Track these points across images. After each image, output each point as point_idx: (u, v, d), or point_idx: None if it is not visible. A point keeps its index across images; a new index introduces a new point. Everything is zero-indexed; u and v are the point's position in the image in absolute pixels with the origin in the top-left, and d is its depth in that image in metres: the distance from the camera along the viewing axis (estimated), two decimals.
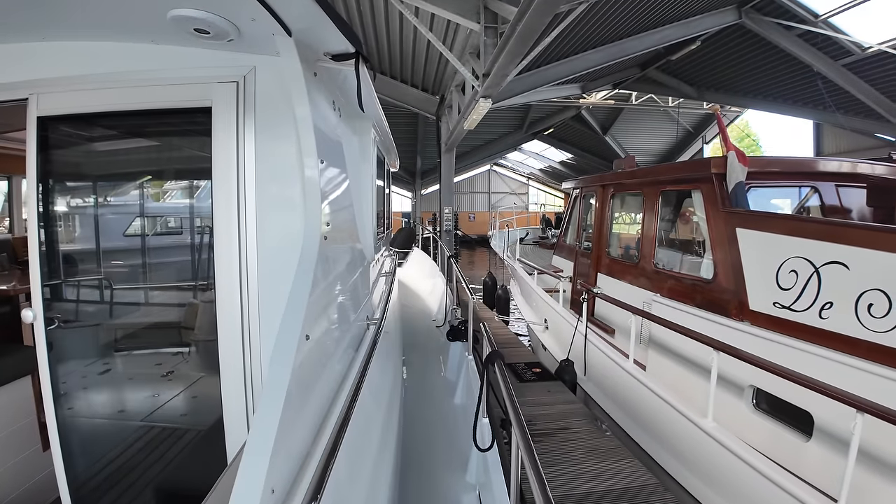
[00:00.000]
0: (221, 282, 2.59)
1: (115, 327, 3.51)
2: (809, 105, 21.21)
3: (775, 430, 4.89)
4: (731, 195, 6.00)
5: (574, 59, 17.23)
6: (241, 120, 2.54)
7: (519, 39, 7.70)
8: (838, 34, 16.34)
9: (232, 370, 2.62)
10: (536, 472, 1.99)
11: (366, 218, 4.08)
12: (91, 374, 3.26)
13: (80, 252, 3.39)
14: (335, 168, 2.79)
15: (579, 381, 7.96)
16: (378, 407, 3.39)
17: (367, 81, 2.85)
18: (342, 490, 2.08)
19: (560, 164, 47.90)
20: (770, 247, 5.34)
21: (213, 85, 2.55)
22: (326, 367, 2.42)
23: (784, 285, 5.08)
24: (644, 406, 6.24)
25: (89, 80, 2.64)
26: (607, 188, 9.16)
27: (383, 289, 5.39)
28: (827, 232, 4.79)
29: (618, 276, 8.29)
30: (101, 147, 3.22)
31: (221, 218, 2.55)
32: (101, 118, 2.83)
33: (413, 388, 5.66)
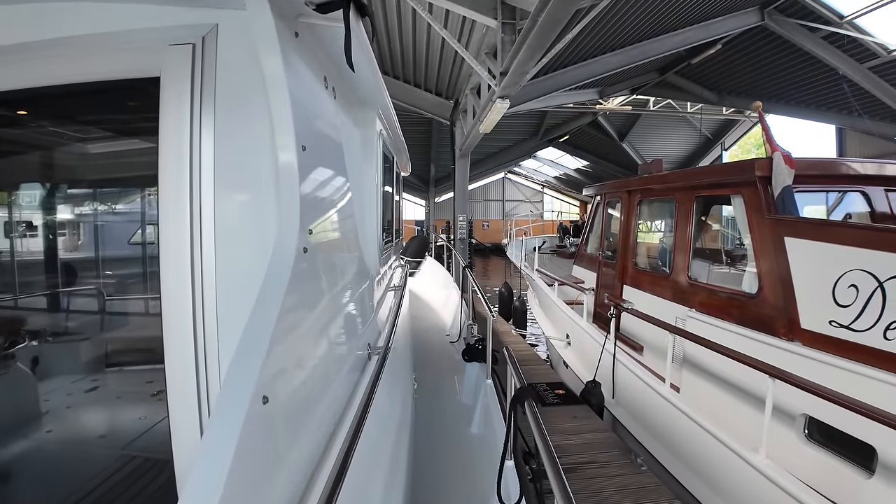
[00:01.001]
0: (169, 303, 1.89)
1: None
2: (834, 109, 20.85)
3: (831, 463, 4.34)
4: (778, 200, 5.45)
5: (593, 61, 16.91)
6: (198, 93, 1.87)
7: (540, 31, 7.26)
8: (864, 36, 16.04)
9: (183, 406, 1.96)
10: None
11: (368, 225, 3.48)
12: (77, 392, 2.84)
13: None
14: (323, 158, 2.22)
15: (607, 404, 7.35)
16: (387, 433, 2.91)
17: (361, 35, 2.21)
18: None
19: (575, 172, 47.50)
20: (825, 258, 4.77)
21: (162, 49, 1.89)
22: (300, 433, 1.86)
23: (842, 302, 4.51)
24: (683, 436, 5.63)
25: (10, 52, 1.93)
26: (634, 194, 8.59)
27: (392, 304, 4.85)
28: None
29: (646, 289, 7.72)
30: (9, 138, 2.62)
31: (169, 219, 1.88)
32: (11, 100, 2.20)
33: (424, 411, 5.13)
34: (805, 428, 4.62)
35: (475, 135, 15.40)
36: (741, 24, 17.07)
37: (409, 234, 20.66)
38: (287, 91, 1.72)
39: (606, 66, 17.05)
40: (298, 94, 1.84)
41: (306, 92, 2.03)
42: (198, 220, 1.82)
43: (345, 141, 2.71)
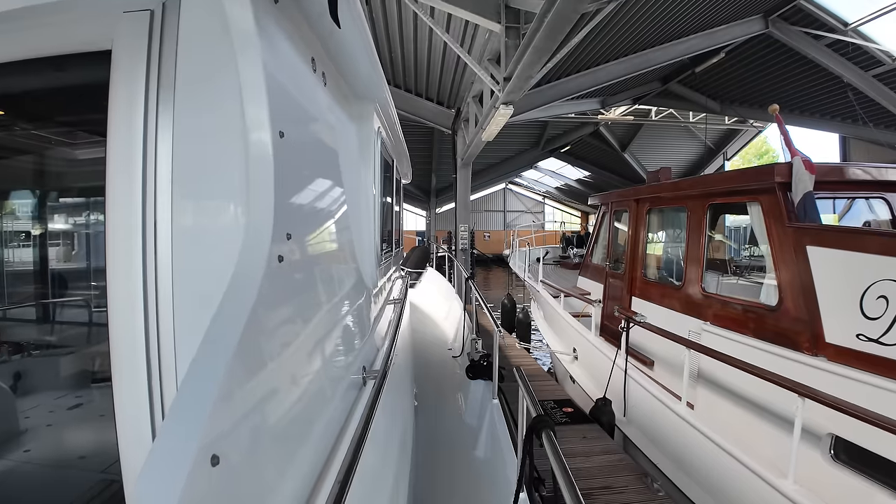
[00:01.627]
0: (116, 318, 1.52)
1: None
2: (838, 118, 20.80)
3: (859, 485, 4.09)
4: (798, 207, 5.19)
5: (596, 70, 16.87)
6: (155, 68, 1.52)
7: (546, 34, 7.07)
8: (868, 43, 15.95)
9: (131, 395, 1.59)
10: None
11: (366, 231, 3.15)
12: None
13: None
14: (308, 149, 1.92)
15: (618, 422, 7.01)
16: (383, 482, 2.59)
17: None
18: None
19: (577, 182, 47.44)
20: (852, 268, 4.53)
21: (114, 17, 1.54)
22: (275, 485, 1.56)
23: (870, 314, 4.27)
24: (702, 458, 5.30)
25: None
26: (642, 203, 8.34)
27: (391, 318, 4.55)
28: None
29: (656, 301, 7.44)
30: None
31: (117, 219, 1.52)
32: None
33: (426, 433, 4.85)
34: (831, 448, 4.35)
35: (477, 143, 15.25)
36: (745, 32, 17.01)
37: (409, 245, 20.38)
38: (261, 63, 1.43)
39: (609, 74, 17.01)
40: (276, 69, 1.55)
41: (286, 69, 1.73)
42: (152, 220, 1.49)
43: (338, 136, 2.42)
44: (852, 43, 15.83)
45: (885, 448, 3.83)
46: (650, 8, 13.58)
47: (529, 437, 2.72)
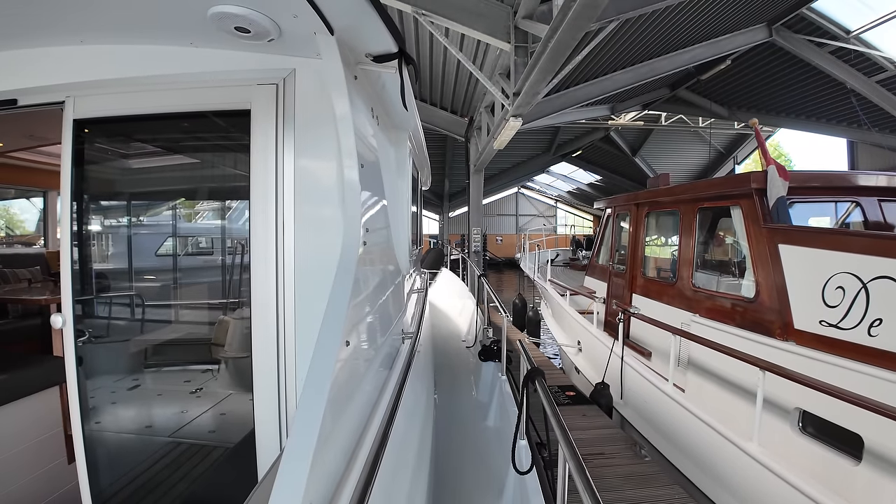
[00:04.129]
0: (257, 292, 2.49)
1: (146, 343, 3.46)
2: (843, 123, 20.89)
3: (822, 454, 4.69)
4: (773, 210, 5.83)
5: (603, 79, 17.20)
6: (281, 123, 2.46)
7: (550, 56, 7.65)
8: (871, 50, 16.13)
9: (266, 386, 2.49)
10: (592, 496, 1.83)
11: (401, 231, 3.96)
12: (120, 389, 3.20)
13: (114, 255, 3.37)
14: (373, 174, 2.71)
15: (615, 404, 7.72)
16: (413, 426, 3.27)
17: (408, 82, 2.76)
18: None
19: (588, 187, 47.58)
20: (815, 263, 5.15)
21: (252, 87, 2.49)
22: (364, 378, 2.31)
23: (830, 302, 4.89)
24: (684, 430, 6.02)
25: (127, 84, 2.60)
26: (642, 207, 9.00)
27: (416, 305, 5.28)
28: (875, 245, 4.61)
29: (654, 297, 8.11)
30: (136, 153, 3.19)
31: (259, 224, 2.46)
32: (137, 121, 2.79)
33: (444, 409, 5.51)
34: (799, 421, 4.97)
35: (489, 151, 15.75)
36: (749, 40, 17.25)
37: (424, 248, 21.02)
38: (350, 121, 2.18)
39: (617, 83, 17.33)
40: (357, 123, 2.30)
41: (361, 121, 2.50)
42: (281, 223, 2.39)
43: (382, 158, 3.17)
44: (854, 50, 16.09)
45: (843, 419, 4.44)
46: (655, 19, 13.92)
47: (525, 385, 3.45)
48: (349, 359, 1.95)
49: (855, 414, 4.21)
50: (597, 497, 1.80)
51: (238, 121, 2.53)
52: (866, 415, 3.96)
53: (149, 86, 2.62)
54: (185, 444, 3.14)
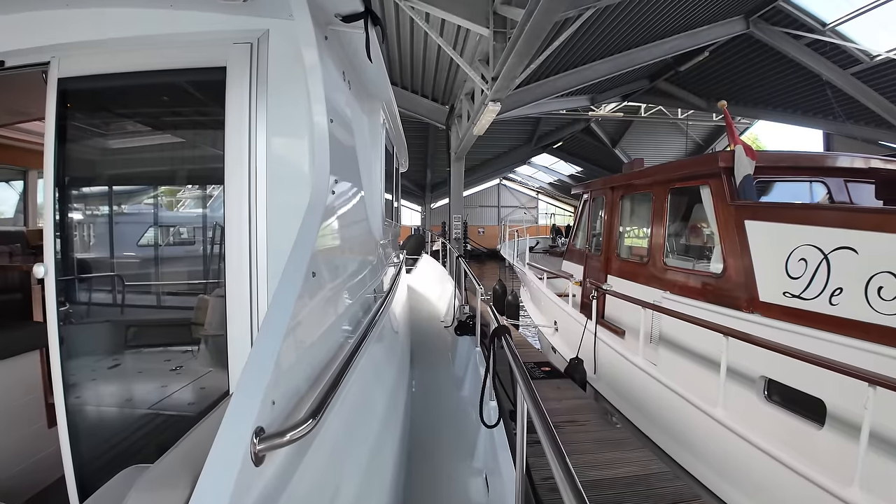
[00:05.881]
0: (231, 238, 2.63)
1: (127, 322, 3.53)
2: (819, 115, 21.20)
3: (787, 420, 4.88)
4: (739, 188, 6.01)
5: (583, 69, 17.44)
6: (255, 80, 2.61)
7: (526, 40, 7.83)
8: (846, 42, 16.38)
9: (240, 363, 2.62)
10: (550, 435, 1.86)
11: (375, 200, 4.11)
12: (100, 369, 3.27)
13: (96, 213, 3.44)
14: (344, 132, 2.85)
15: (589, 379, 7.93)
16: (381, 385, 3.39)
17: (374, 37, 2.92)
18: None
19: (569, 178, 47.76)
20: (778, 237, 5.35)
21: (228, 46, 2.64)
22: (334, 307, 2.47)
23: (793, 274, 5.08)
24: (654, 400, 6.24)
25: (109, 45, 2.72)
26: (616, 190, 9.20)
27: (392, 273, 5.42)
28: (835, 218, 4.82)
29: (628, 277, 8.30)
30: (118, 110, 3.30)
31: (234, 161, 2.62)
32: (119, 78, 2.89)
33: (421, 384, 5.68)
34: (765, 389, 5.16)
35: (469, 137, 15.96)
36: (727, 32, 17.56)
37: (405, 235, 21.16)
38: (320, 72, 2.34)
39: (596, 73, 17.58)
40: (327, 80, 2.46)
41: (331, 80, 2.66)
42: (254, 162, 2.55)
43: (357, 124, 3.31)
44: (830, 42, 16.31)
45: (806, 384, 4.65)
46: (633, 9, 14.09)
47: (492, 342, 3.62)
48: (314, 289, 2.08)
49: (816, 379, 4.42)
50: (554, 434, 1.89)
51: (215, 79, 2.67)
52: (828, 380, 4.19)
53: (130, 46, 2.74)
54: (164, 416, 3.23)
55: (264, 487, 1.45)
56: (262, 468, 1.43)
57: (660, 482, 4.93)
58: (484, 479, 3.89)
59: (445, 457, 4.37)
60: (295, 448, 1.64)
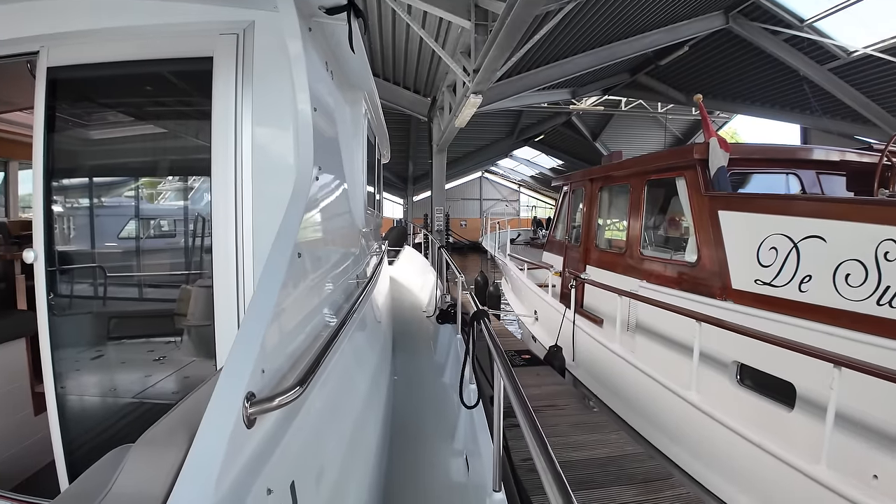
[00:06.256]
0: (218, 227, 2.70)
1: (112, 313, 3.57)
2: (797, 109, 21.33)
3: (759, 403, 5.07)
4: (713, 180, 6.16)
5: (564, 62, 17.49)
6: (241, 70, 2.69)
7: (507, 33, 7.90)
8: (824, 38, 16.46)
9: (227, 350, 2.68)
10: (527, 412, 1.95)
11: (357, 189, 4.20)
12: (84, 359, 3.29)
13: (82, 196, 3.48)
14: (327, 121, 2.94)
15: (568, 366, 8.10)
16: (364, 370, 3.49)
17: (357, 30, 3.01)
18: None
19: (550, 171, 47.84)
20: (751, 226, 5.51)
21: (214, 37, 2.71)
22: (319, 288, 2.57)
23: (765, 262, 5.25)
24: (630, 385, 6.40)
25: (98, 35, 2.78)
26: (595, 182, 9.37)
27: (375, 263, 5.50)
28: (804, 208, 4.99)
29: (607, 267, 8.46)
30: (106, 100, 3.36)
31: (220, 150, 2.68)
32: (107, 68, 2.94)
33: (404, 371, 5.77)
34: (737, 374, 5.35)
35: (451, 130, 15.99)
36: (706, 27, 17.61)
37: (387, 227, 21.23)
38: (304, 62, 2.43)
39: (577, 66, 17.62)
40: (310, 71, 2.55)
41: (315, 70, 2.75)
42: (240, 151, 2.62)
43: (339, 113, 3.40)
44: (808, 38, 16.38)
45: (776, 368, 4.83)
46: (614, 3, 14.14)
47: (471, 325, 3.75)
48: (299, 270, 2.17)
49: (787, 364, 4.61)
50: (527, 407, 1.99)
51: (202, 69, 2.74)
52: (797, 364, 4.35)
53: (119, 36, 2.80)
54: (149, 404, 3.28)
55: (256, 448, 1.54)
56: (254, 430, 1.51)
57: (635, 462, 5.10)
58: (464, 460, 3.97)
59: (427, 440, 4.47)
60: (284, 413, 1.73)
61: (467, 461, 3.90)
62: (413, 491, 3.76)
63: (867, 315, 4.26)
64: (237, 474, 1.40)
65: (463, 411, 4.18)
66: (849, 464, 4.01)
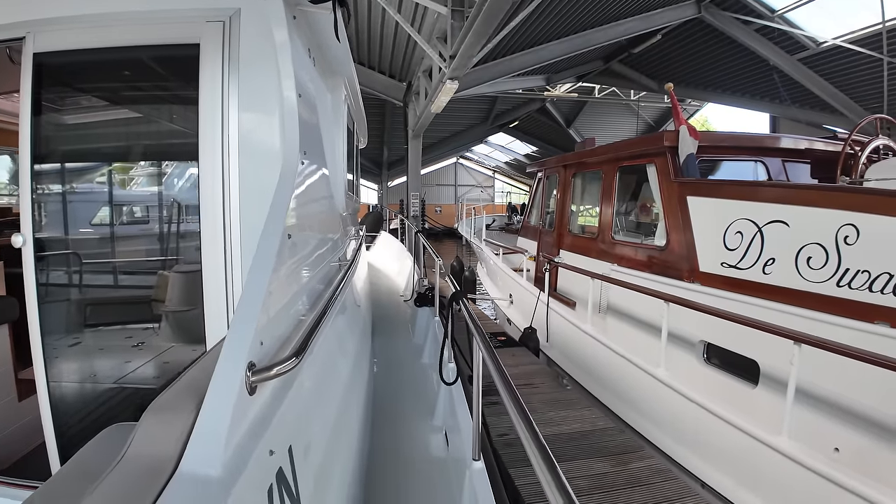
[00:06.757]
0: (206, 212, 2.76)
1: (97, 299, 3.60)
2: (766, 98, 21.76)
3: (725, 380, 5.32)
4: (683, 166, 6.37)
5: (539, 48, 17.66)
6: (227, 57, 2.74)
7: (484, 20, 8.02)
8: (794, 29, 16.78)
9: (217, 336, 2.75)
10: (506, 382, 2.09)
11: (338, 172, 4.31)
12: (70, 345, 3.31)
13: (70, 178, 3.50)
14: (310, 107, 3.03)
15: (542, 347, 8.30)
16: (344, 355, 3.58)
17: (341, 20, 3.12)
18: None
19: (525, 157, 48.04)
20: (717, 211, 5.73)
21: (201, 24, 2.75)
22: (308, 267, 2.68)
23: (730, 246, 5.48)
24: (602, 364, 6.62)
25: (85, 20, 2.80)
26: (569, 168, 9.57)
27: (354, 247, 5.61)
28: (769, 194, 5.22)
29: (580, 252, 8.68)
30: (92, 85, 3.38)
31: (207, 148, 2.74)
32: (94, 53, 2.96)
33: (383, 355, 5.90)
34: (704, 353, 5.60)
35: (427, 115, 16.09)
36: (679, 16, 17.92)
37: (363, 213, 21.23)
38: (289, 49, 2.52)
39: (552, 53, 17.83)
40: (295, 57, 2.64)
41: (299, 57, 2.83)
42: (227, 136, 2.71)
43: (321, 99, 3.50)
44: (778, 29, 16.74)
45: (741, 347, 5.08)
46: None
47: (450, 305, 3.91)
48: (289, 249, 2.27)
49: (751, 342, 4.85)
50: (507, 377, 2.12)
51: (189, 56, 2.79)
52: (761, 343, 4.56)
53: (106, 22, 2.83)
54: (131, 389, 3.33)
55: (257, 413, 1.66)
56: (255, 397, 1.64)
57: (606, 436, 5.31)
58: (444, 436, 4.12)
59: (407, 418, 4.61)
60: (280, 382, 1.87)
61: (447, 437, 4.05)
62: (394, 466, 3.90)
63: (827, 296, 4.50)
64: (242, 437, 1.51)
65: (442, 391, 4.36)
66: (811, 438, 4.23)
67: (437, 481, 3.76)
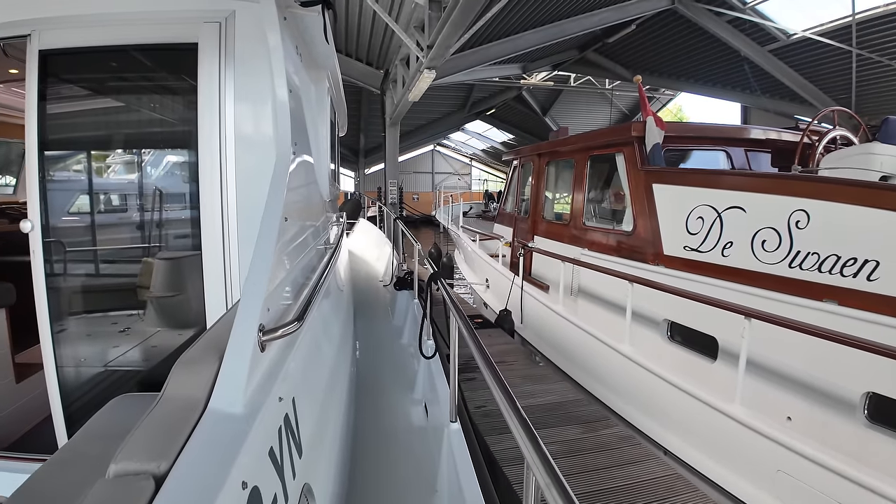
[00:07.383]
0: (205, 201, 3.01)
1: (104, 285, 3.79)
2: (738, 88, 22.15)
3: (686, 356, 5.69)
4: (649, 155, 6.71)
5: (515, 37, 17.86)
6: (223, 55, 2.98)
7: (461, 10, 8.25)
8: (765, 21, 17.12)
9: (217, 314, 3.01)
10: (482, 353, 2.36)
11: (322, 162, 4.54)
12: (74, 327, 3.47)
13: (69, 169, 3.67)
14: (299, 101, 3.25)
15: (517, 328, 8.65)
16: (329, 338, 3.75)
17: (329, 22, 3.39)
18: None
19: (502, 145, 48.20)
20: (681, 198, 6.07)
21: (199, 24, 2.99)
22: (300, 247, 2.90)
23: (692, 230, 5.83)
24: (572, 343, 6.98)
25: (88, 19, 3.02)
26: (543, 156, 9.91)
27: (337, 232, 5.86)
28: (728, 181, 5.58)
29: (553, 238, 9.04)
30: (96, 82, 3.57)
31: (206, 129, 2.99)
32: (97, 52, 3.19)
33: (364, 337, 6.08)
34: (668, 331, 5.96)
35: (404, 104, 16.29)
36: (653, 7, 18.23)
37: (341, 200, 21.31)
38: (281, 51, 2.71)
39: (528, 42, 18.05)
40: (285, 55, 2.83)
41: (289, 55, 3.02)
42: (224, 131, 2.97)
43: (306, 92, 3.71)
44: (750, 20, 17.03)
45: (701, 324, 5.45)
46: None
47: (428, 285, 4.20)
48: (287, 230, 2.47)
49: (711, 320, 5.21)
50: (482, 346, 2.38)
51: (188, 55, 3.03)
52: (720, 320, 4.91)
53: (107, 21, 3.04)
54: (122, 371, 3.49)
55: (267, 367, 1.93)
56: (266, 354, 1.89)
57: (576, 407, 5.73)
58: (423, 407, 4.37)
59: (389, 393, 4.87)
60: (285, 343, 2.13)
61: (426, 408, 4.31)
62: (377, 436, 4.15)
63: (781, 276, 4.86)
64: (257, 384, 1.77)
65: (421, 367, 4.65)
66: (765, 407, 4.59)
67: (418, 446, 4.01)
